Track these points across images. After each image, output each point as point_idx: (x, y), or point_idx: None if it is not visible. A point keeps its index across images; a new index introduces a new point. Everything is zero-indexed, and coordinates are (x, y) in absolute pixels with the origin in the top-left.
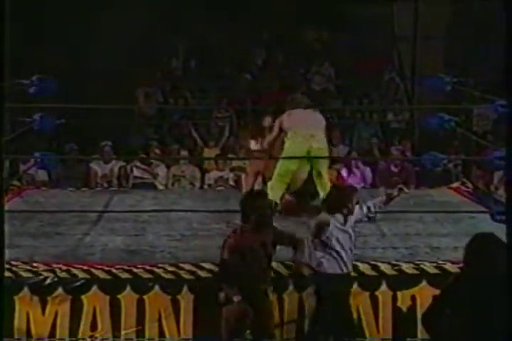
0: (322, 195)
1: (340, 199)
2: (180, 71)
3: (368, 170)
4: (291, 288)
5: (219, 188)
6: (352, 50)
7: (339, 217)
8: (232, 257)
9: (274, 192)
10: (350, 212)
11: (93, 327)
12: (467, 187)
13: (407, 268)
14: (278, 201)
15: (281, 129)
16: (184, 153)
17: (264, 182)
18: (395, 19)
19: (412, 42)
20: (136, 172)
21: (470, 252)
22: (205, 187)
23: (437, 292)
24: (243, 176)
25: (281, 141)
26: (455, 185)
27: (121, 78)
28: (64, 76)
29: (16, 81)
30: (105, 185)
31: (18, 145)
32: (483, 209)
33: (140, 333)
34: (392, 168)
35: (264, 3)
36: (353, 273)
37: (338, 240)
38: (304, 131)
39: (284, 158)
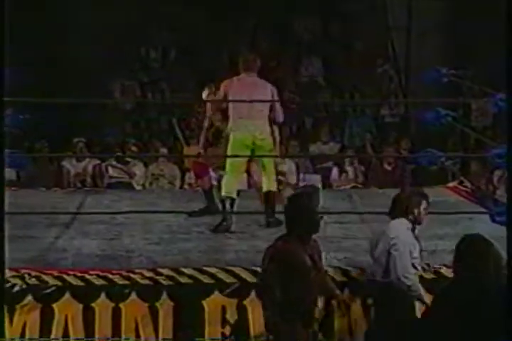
0: (265, 187)
1: (407, 204)
2: (159, 63)
3: (361, 169)
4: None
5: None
6: (343, 41)
7: (407, 223)
8: (285, 273)
9: (229, 186)
10: (418, 219)
11: (65, 337)
12: (465, 187)
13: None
14: (234, 196)
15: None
16: (163, 150)
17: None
18: (389, 9)
19: (406, 32)
20: (111, 172)
21: (457, 256)
22: (186, 186)
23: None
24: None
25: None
26: (452, 184)
27: (96, 71)
28: (36, 69)
29: None
30: (78, 184)
31: None
32: (482, 209)
33: None
34: (386, 166)
35: None
36: (343, 279)
37: (411, 249)
38: (246, 121)
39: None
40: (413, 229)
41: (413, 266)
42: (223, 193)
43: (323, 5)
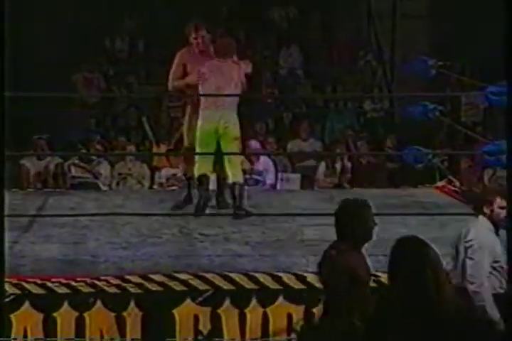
0: (231, 178)
1: (483, 199)
2: (126, 54)
3: (348, 165)
4: None
5: (172, 188)
6: (323, 30)
7: (487, 223)
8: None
9: (201, 168)
10: (494, 218)
11: None
12: (454, 186)
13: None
14: (209, 174)
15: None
16: (131, 148)
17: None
18: None
19: (391, 20)
20: (74, 172)
21: (392, 259)
22: (156, 186)
23: None
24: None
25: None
26: (441, 183)
27: (57, 63)
28: None
29: None
30: (39, 185)
31: None
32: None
33: None
34: (361, 160)
35: None
36: None
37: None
38: (211, 111)
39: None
40: (495, 230)
41: (495, 270)
42: (197, 174)
43: None
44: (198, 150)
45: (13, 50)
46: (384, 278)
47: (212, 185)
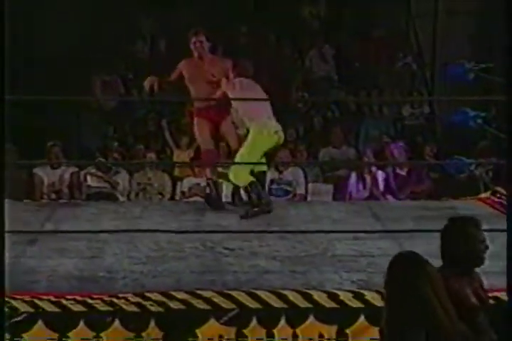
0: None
1: None
2: (146, 54)
3: (380, 175)
4: None
5: (194, 199)
6: (358, 29)
7: None
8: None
9: (242, 177)
10: None
11: None
12: (499, 198)
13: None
14: (253, 179)
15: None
16: (151, 156)
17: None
18: None
19: (432, 19)
20: (90, 181)
21: (389, 276)
22: (177, 197)
23: None
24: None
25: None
26: (485, 195)
27: (72, 64)
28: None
29: None
30: (53, 195)
31: None
32: None
33: None
34: (399, 171)
35: None
36: (359, 304)
37: None
38: (269, 123)
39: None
40: None
41: None
42: (244, 182)
43: None
44: (248, 157)
45: (26, 52)
46: None
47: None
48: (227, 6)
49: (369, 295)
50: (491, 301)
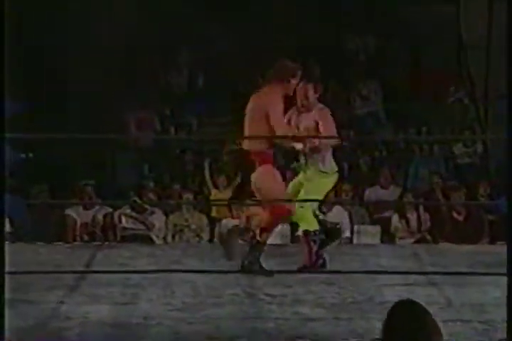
0: None
1: None
2: (184, 89)
3: (426, 217)
4: None
5: None
6: (407, 62)
7: None
8: None
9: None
10: None
11: None
12: None
13: None
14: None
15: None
16: (188, 196)
17: None
18: (462, 21)
19: (484, 51)
20: (125, 223)
21: (384, 329)
22: (216, 240)
23: None
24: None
25: None
26: None
27: (107, 100)
28: (35, 98)
29: None
30: (86, 237)
31: None
32: None
33: None
34: (456, 216)
35: (290, 1)
36: None
37: None
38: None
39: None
40: None
41: None
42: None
43: (381, 20)
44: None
45: (60, 86)
46: None
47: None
48: (267, 38)
49: None
50: None
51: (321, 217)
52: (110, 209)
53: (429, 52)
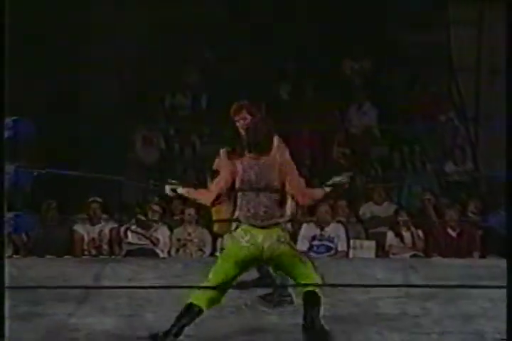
0: None
1: None
2: (188, 110)
3: (420, 234)
4: None
5: None
6: (400, 84)
7: None
8: None
9: None
10: None
11: None
12: None
13: None
14: None
15: None
16: (190, 211)
17: None
18: (453, 46)
19: (474, 74)
20: (131, 238)
21: None
22: (218, 254)
23: None
24: None
25: None
26: None
27: (114, 120)
28: (45, 118)
29: None
30: (93, 251)
31: None
32: None
33: None
34: (450, 232)
35: (290, 27)
36: None
37: None
38: None
39: None
40: None
41: None
42: None
43: (375, 44)
44: None
45: (68, 108)
46: None
47: None
48: (271, 61)
49: None
50: None
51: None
52: (116, 225)
53: (423, 75)
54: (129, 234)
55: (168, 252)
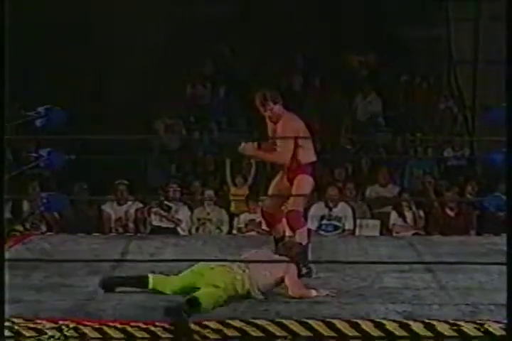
0: None
1: None
2: (207, 99)
3: (421, 214)
4: None
5: (250, 234)
6: (403, 75)
7: None
8: None
9: None
10: None
11: None
12: None
13: (468, 328)
14: None
15: None
16: (209, 192)
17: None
18: (453, 41)
19: (472, 66)
20: (154, 220)
21: None
22: (234, 232)
23: None
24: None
25: None
26: None
27: (139, 108)
28: (75, 106)
29: (22, 112)
30: (120, 229)
31: (21, 185)
32: None
33: None
34: (448, 212)
35: (301, 23)
36: (404, 333)
37: None
38: None
39: None
40: None
41: None
42: None
43: (379, 38)
44: None
45: (94, 96)
46: (466, 327)
47: None
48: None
49: (414, 325)
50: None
51: None
52: (141, 205)
53: (424, 67)
54: (153, 216)
55: (189, 230)
